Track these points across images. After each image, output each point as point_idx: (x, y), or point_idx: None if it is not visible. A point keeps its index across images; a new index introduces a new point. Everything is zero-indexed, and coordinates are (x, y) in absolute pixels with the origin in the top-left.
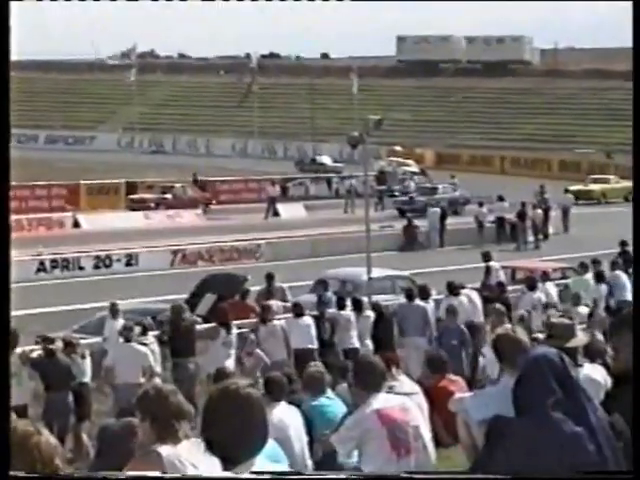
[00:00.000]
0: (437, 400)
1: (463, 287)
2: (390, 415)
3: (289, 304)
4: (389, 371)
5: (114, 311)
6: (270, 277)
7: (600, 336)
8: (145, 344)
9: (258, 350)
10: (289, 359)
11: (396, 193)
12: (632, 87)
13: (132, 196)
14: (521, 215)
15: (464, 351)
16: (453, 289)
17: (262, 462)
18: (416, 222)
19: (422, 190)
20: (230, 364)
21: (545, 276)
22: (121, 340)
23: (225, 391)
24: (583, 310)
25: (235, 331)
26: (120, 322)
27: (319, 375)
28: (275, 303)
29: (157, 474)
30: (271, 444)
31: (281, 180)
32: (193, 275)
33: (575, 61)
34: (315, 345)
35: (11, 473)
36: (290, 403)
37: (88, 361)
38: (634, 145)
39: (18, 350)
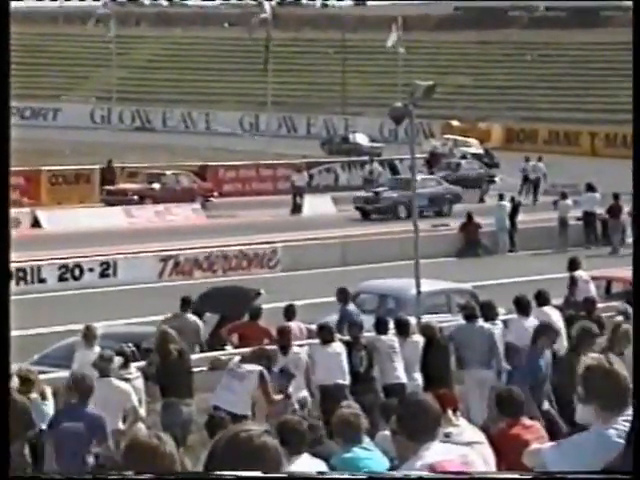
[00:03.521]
0: (507, 451)
1: (545, 303)
2: (447, 471)
3: (314, 327)
4: (444, 414)
5: (88, 336)
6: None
7: None
8: (127, 379)
9: (292, 390)
10: (313, 398)
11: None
12: (632, 86)
13: (109, 187)
14: (613, 210)
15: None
16: (522, 307)
17: None
18: (479, 219)
19: (393, 183)
20: (240, 405)
21: None
22: (96, 374)
23: (234, 440)
24: None
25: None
26: (95, 351)
27: (354, 419)
28: (297, 325)
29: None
30: None
31: (303, 165)
32: (188, 289)
33: None
34: (347, 380)
35: (11, 475)
36: (314, 455)
37: (51, 402)
38: (634, 144)
39: None
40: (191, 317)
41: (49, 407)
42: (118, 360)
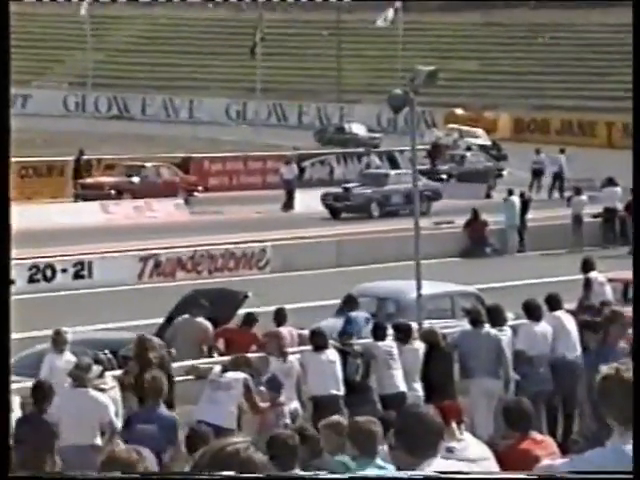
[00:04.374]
0: (516, 468)
1: (557, 307)
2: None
3: (306, 332)
4: (447, 427)
5: (58, 341)
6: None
7: None
8: (102, 389)
9: (284, 399)
10: (303, 409)
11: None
12: (632, 85)
13: (84, 180)
14: (632, 207)
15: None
16: (533, 311)
17: None
18: (485, 216)
19: (365, 178)
20: (226, 418)
21: None
22: (68, 384)
23: (220, 454)
24: None
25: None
26: (65, 357)
27: (374, 429)
28: (288, 331)
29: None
30: None
31: (295, 157)
32: (170, 291)
33: None
34: (341, 390)
35: (11, 475)
36: (308, 469)
37: (19, 414)
38: (634, 143)
39: None
40: (200, 320)
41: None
42: (96, 369)
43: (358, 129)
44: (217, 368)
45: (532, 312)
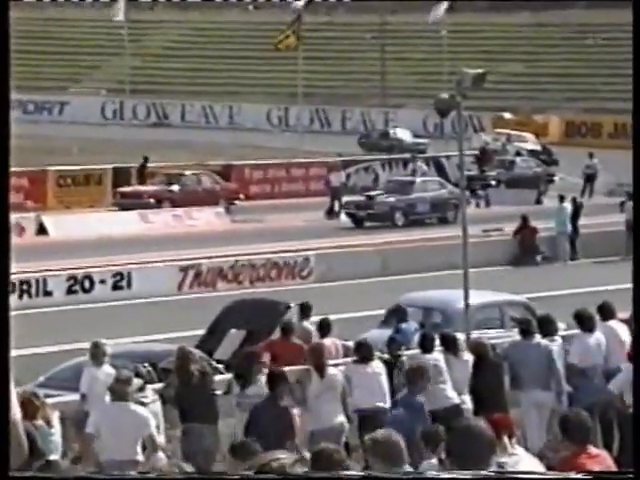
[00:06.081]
0: None
1: (610, 316)
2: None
3: (351, 343)
4: (498, 441)
5: (96, 354)
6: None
7: None
8: (143, 403)
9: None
10: (349, 423)
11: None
12: (632, 85)
13: (123, 189)
14: None
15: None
16: (585, 321)
17: None
18: (535, 223)
19: (390, 186)
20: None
21: None
22: (108, 398)
23: (265, 470)
24: None
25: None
26: (104, 369)
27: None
28: (333, 342)
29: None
30: None
31: (339, 163)
32: (211, 302)
33: None
34: (387, 403)
35: (11, 474)
36: None
37: (58, 429)
38: (634, 142)
39: None
40: (307, 325)
41: (56, 434)
42: (136, 382)
43: (403, 134)
44: (235, 386)
45: (584, 323)
